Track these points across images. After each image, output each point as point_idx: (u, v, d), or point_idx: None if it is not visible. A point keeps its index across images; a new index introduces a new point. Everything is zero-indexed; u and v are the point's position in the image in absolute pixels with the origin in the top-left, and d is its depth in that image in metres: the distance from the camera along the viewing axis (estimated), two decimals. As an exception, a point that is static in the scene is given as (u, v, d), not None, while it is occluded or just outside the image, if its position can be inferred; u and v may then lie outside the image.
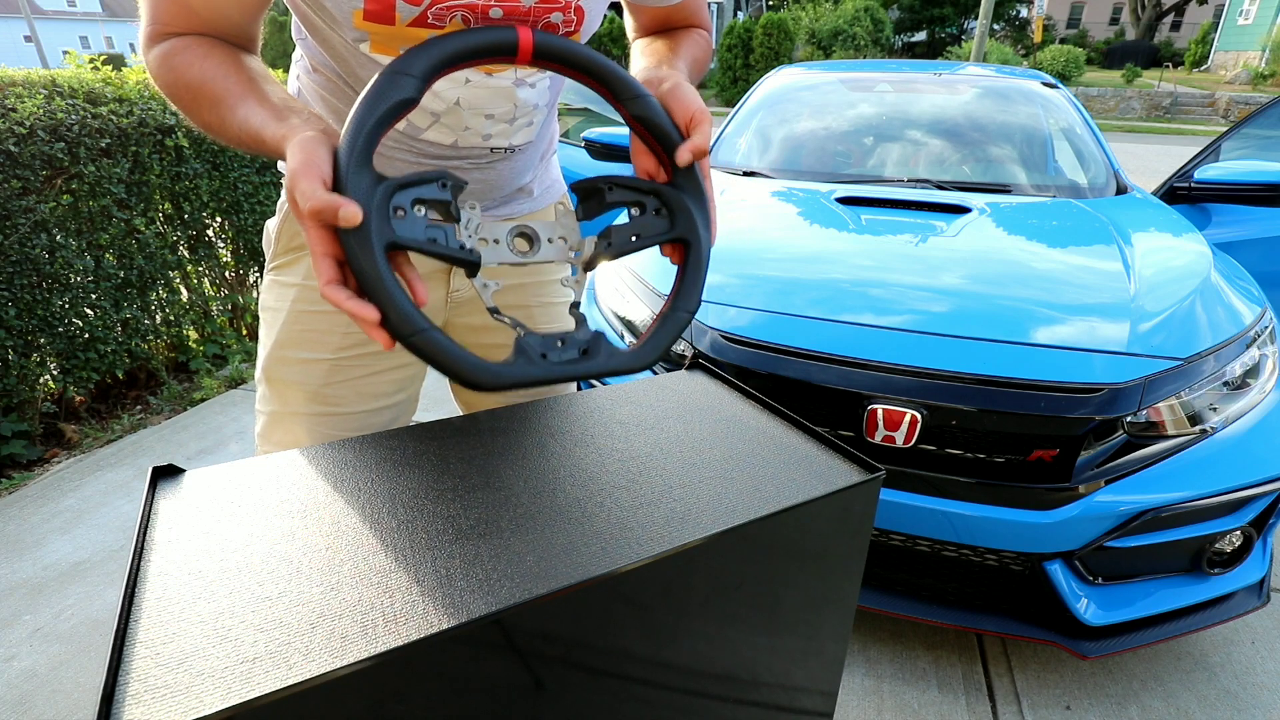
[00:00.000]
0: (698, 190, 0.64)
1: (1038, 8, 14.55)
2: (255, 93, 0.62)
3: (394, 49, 0.68)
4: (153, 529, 0.55)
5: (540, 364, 0.55)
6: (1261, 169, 2.21)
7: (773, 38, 16.12)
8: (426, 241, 0.53)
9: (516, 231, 0.59)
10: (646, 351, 0.60)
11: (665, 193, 0.63)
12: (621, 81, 0.62)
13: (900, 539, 1.33)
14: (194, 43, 0.64)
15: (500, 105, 0.77)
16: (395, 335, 0.51)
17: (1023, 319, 1.38)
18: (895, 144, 2.46)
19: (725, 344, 1.41)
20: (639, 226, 0.62)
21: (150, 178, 2.52)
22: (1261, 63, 19.06)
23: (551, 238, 0.61)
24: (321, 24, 0.68)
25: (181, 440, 2.41)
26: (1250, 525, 1.31)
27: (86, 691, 1.41)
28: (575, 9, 0.69)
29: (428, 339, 0.51)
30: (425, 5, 0.63)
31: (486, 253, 0.57)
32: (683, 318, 0.62)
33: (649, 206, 0.63)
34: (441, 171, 0.55)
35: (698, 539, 0.55)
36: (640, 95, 0.62)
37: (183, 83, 0.64)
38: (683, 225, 0.62)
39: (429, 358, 0.52)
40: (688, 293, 0.62)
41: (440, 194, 0.55)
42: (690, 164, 0.64)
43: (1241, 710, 1.37)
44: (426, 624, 0.45)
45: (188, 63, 0.63)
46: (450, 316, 0.96)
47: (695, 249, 0.62)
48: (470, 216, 0.57)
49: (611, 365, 0.59)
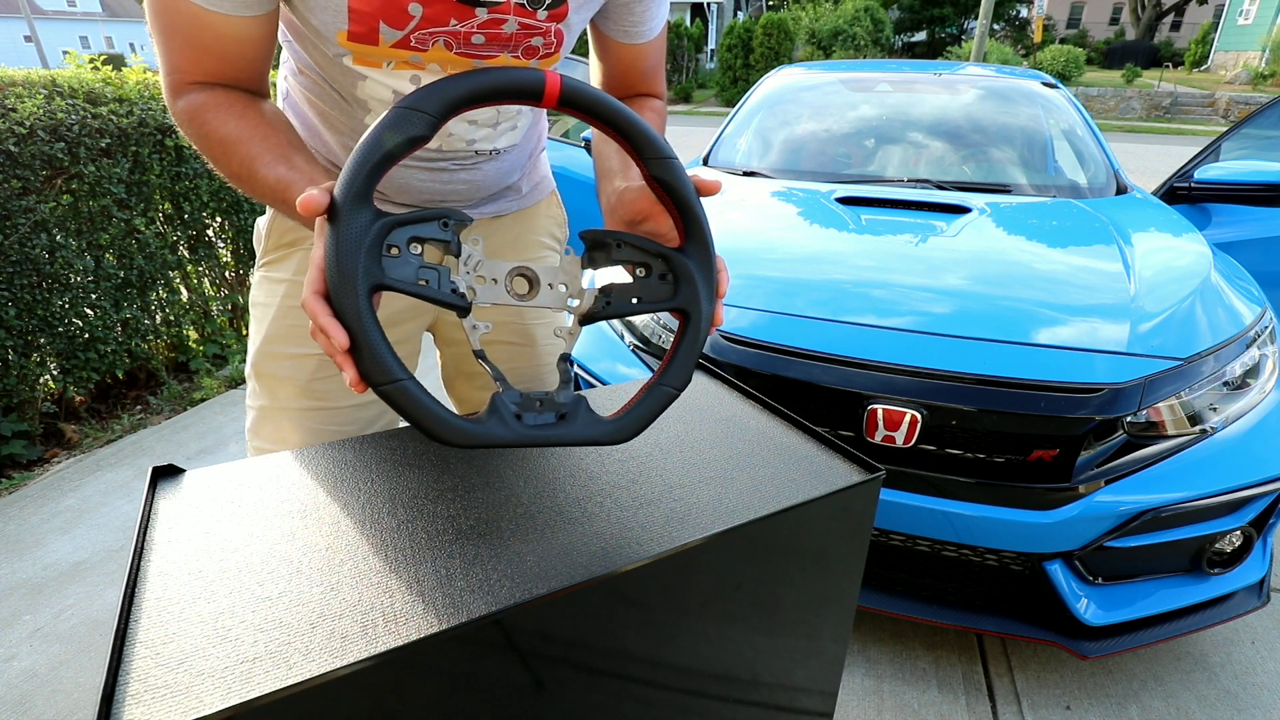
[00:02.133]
0: (707, 262, 0.61)
1: (1038, 8, 14.55)
2: (287, 158, 0.63)
3: (378, 63, 0.69)
4: (153, 529, 0.55)
5: (513, 426, 0.53)
6: (1261, 169, 2.21)
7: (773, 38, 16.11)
8: (416, 284, 0.52)
9: (517, 272, 0.58)
10: (626, 425, 0.57)
11: (674, 260, 0.60)
12: (647, 139, 0.59)
13: (900, 539, 1.33)
14: (225, 99, 0.66)
15: (484, 111, 0.78)
16: (368, 381, 0.50)
17: (1023, 319, 1.38)
18: (895, 144, 2.46)
19: (725, 344, 1.41)
20: (641, 289, 0.59)
21: (150, 178, 2.52)
22: (1261, 63, 19.06)
23: (552, 283, 0.59)
24: (307, 34, 0.69)
25: (181, 440, 2.41)
26: (1250, 525, 1.30)
27: (86, 691, 1.41)
28: (555, 33, 0.70)
29: (399, 389, 0.50)
30: (408, 30, 0.64)
31: (483, 291, 0.56)
32: (668, 393, 0.59)
33: (654, 270, 0.60)
34: (445, 210, 0.54)
35: (697, 539, 0.55)
36: (665, 157, 0.59)
37: (216, 137, 0.65)
38: (685, 296, 0.59)
39: (399, 408, 0.51)
40: (679, 368, 0.59)
41: (440, 234, 0.53)
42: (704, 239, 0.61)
43: (1241, 710, 1.37)
44: (426, 624, 0.45)
45: (221, 119, 0.65)
46: (442, 313, 0.97)
47: (694, 323, 0.59)
48: (471, 252, 0.56)
49: (586, 435, 0.56)
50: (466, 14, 0.64)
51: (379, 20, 0.63)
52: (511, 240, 0.97)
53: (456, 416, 0.51)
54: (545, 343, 1.02)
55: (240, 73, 0.67)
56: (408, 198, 0.84)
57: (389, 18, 0.63)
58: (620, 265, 0.61)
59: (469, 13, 0.64)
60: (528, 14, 0.67)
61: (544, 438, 0.54)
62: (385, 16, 0.63)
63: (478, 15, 0.65)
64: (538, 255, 1.01)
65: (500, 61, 0.70)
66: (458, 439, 0.51)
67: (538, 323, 1.01)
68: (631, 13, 0.81)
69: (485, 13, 0.65)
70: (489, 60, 0.70)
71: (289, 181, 0.61)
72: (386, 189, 0.84)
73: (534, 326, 1.01)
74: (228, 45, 0.65)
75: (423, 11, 0.63)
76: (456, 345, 1.03)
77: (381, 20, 0.63)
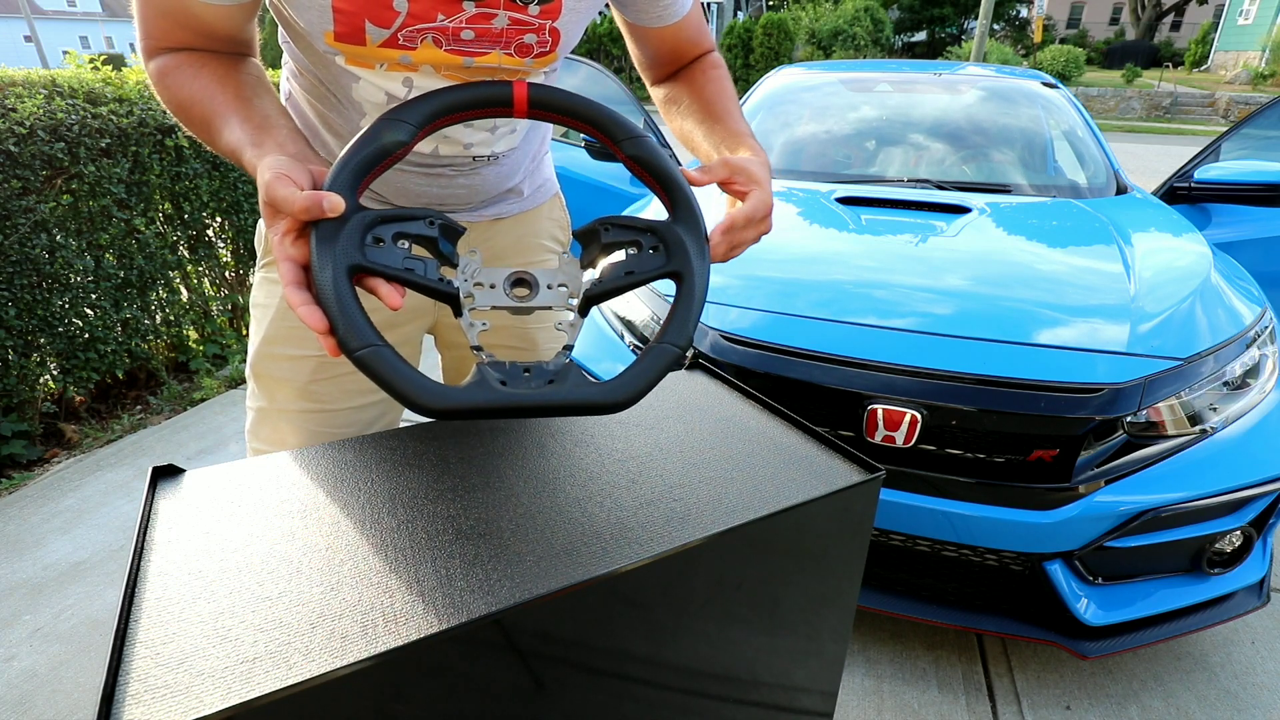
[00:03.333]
0: (695, 227, 0.61)
1: (1038, 8, 14.55)
2: (240, 112, 0.62)
3: (370, 64, 0.68)
4: (153, 529, 0.55)
5: (495, 391, 0.50)
6: (1261, 169, 2.21)
7: (773, 38, 16.12)
8: (403, 270, 0.52)
9: (515, 279, 0.58)
10: (624, 385, 0.54)
11: (661, 229, 0.61)
12: (615, 124, 0.61)
13: (900, 539, 1.33)
14: (186, 61, 0.66)
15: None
16: (342, 348, 0.50)
17: (1022, 319, 1.38)
18: (895, 144, 2.46)
19: (725, 344, 1.41)
20: (634, 263, 0.60)
21: (150, 178, 2.52)
22: (1261, 63, 19.06)
23: (551, 284, 0.59)
24: (300, 32, 0.69)
25: (181, 440, 2.41)
26: (1250, 525, 1.31)
27: (86, 691, 1.41)
28: (550, 30, 0.69)
29: (373, 354, 0.49)
30: (395, 28, 0.63)
31: (481, 296, 0.56)
32: (670, 351, 0.57)
33: (645, 244, 0.61)
34: (428, 210, 0.55)
35: (698, 539, 0.55)
36: (634, 136, 0.61)
37: (175, 101, 0.66)
38: (677, 260, 0.60)
39: (373, 375, 0.49)
40: (678, 326, 0.58)
41: (426, 230, 0.54)
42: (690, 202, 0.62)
43: (1241, 710, 1.37)
44: (426, 624, 0.45)
45: (179, 83, 0.65)
46: (442, 314, 0.97)
47: (688, 282, 0.60)
48: (469, 261, 0.56)
49: (578, 396, 0.52)
50: (454, 8, 0.63)
51: (364, 19, 0.62)
52: (513, 242, 0.97)
53: (435, 382, 0.50)
54: (546, 345, 1.02)
55: (213, 43, 0.67)
56: (407, 201, 0.84)
57: (373, 15, 0.62)
58: (614, 249, 0.61)
59: (456, 7, 0.63)
60: (518, 9, 0.65)
61: (532, 400, 0.51)
62: (369, 15, 0.62)
63: (465, 9, 0.63)
64: (539, 258, 1.01)
65: (493, 59, 0.69)
66: (435, 404, 0.49)
67: (538, 327, 1.01)
68: (658, 2, 0.79)
69: (473, 7, 0.63)
70: (481, 58, 0.69)
71: (238, 146, 0.60)
72: (385, 192, 0.84)
73: (535, 330, 1.00)
74: (202, 25, 0.65)
75: (408, 7, 0.62)
76: (458, 349, 1.03)
77: (366, 19, 0.62)
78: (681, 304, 0.59)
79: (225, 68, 0.66)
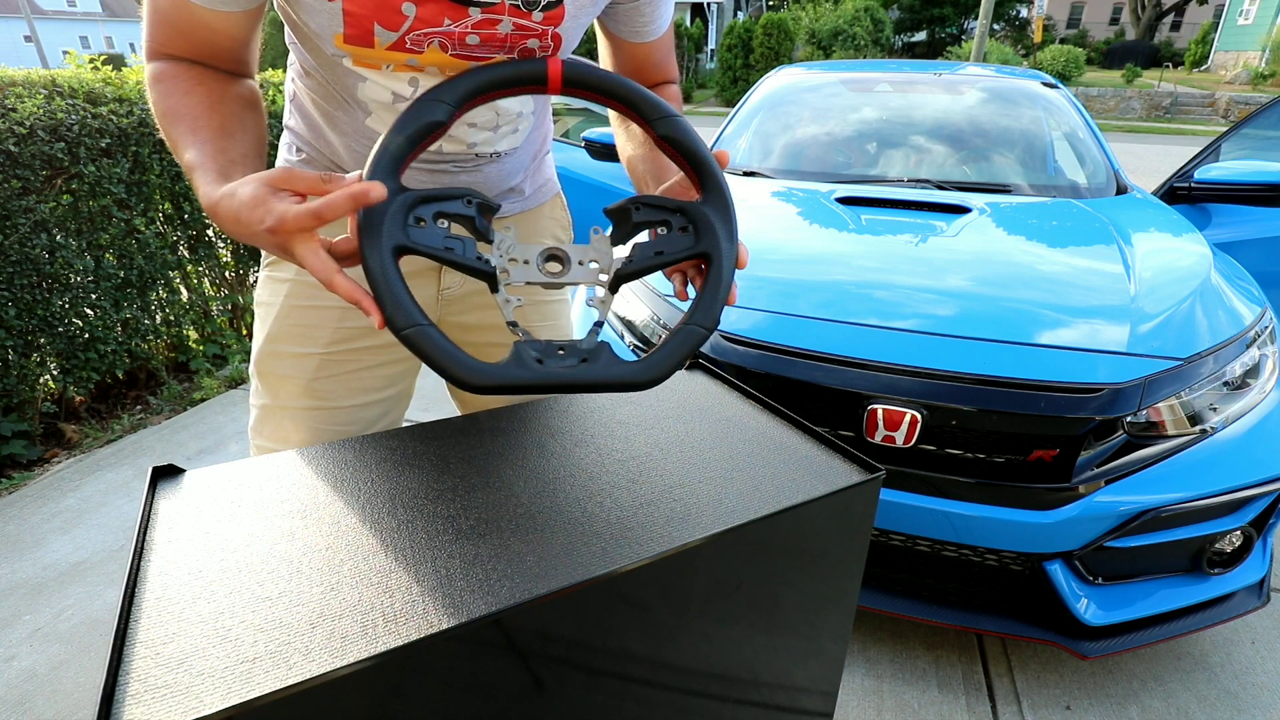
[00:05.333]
0: (724, 208, 0.63)
1: (1038, 8, 14.55)
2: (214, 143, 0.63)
3: (376, 65, 0.70)
4: (153, 529, 0.55)
5: (533, 369, 0.53)
6: (1261, 169, 2.21)
7: (773, 38, 16.10)
8: (443, 250, 0.55)
9: (548, 255, 0.60)
10: (653, 364, 0.56)
11: (690, 210, 0.62)
12: (648, 103, 0.62)
13: (900, 539, 1.33)
14: (183, 73, 0.67)
15: (483, 114, 0.78)
16: (390, 327, 0.52)
17: (1023, 319, 1.38)
18: (895, 144, 2.46)
19: (726, 344, 1.41)
20: (664, 244, 0.62)
21: (150, 178, 2.52)
22: (1261, 63, 19.05)
23: (583, 260, 0.61)
24: (308, 35, 0.70)
25: (181, 440, 2.41)
26: (1250, 525, 1.30)
27: (86, 691, 1.41)
28: (552, 35, 0.70)
29: (420, 334, 0.52)
30: (403, 32, 0.64)
31: (516, 272, 0.58)
32: (698, 332, 0.59)
33: (674, 225, 0.62)
34: (467, 190, 0.57)
35: (697, 539, 0.55)
36: (667, 115, 0.62)
37: (162, 108, 0.67)
38: (707, 241, 0.61)
39: (420, 353, 0.52)
40: (706, 307, 0.59)
41: (465, 210, 0.56)
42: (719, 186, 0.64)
43: (1241, 710, 1.37)
44: (426, 624, 0.45)
45: (171, 92, 0.66)
46: (442, 314, 0.97)
47: (717, 263, 0.61)
48: (503, 238, 0.59)
49: (610, 375, 0.55)
50: (460, 14, 0.64)
51: (373, 22, 0.63)
52: None
53: (476, 360, 0.53)
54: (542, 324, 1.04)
55: (214, 57, 0.69)
56: None
57: (383, 19, 0.63)
58: (644, 228, 0.63)
59: (463, 13, 0.64)
60: (523, 15, 0.67)
61: (567, 378, 0.54)
62: (379, 18, 0.63)
63: (471, 15, 0.65)
64: None
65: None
66: (477, 380, 0.52)
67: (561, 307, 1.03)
68: (640, 14, 0.81)
69: (479, 13, 0.65)
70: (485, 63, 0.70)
71: (192, 166, 0.61)
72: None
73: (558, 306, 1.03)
74: (206, 33, 0.67)
75: (416, 11, 0.63)
76: (467, 346, 1.04)
77: (375, 22, 0.63)
78: (710, 285, 0.61)
79: (220, 92, 0.68)
